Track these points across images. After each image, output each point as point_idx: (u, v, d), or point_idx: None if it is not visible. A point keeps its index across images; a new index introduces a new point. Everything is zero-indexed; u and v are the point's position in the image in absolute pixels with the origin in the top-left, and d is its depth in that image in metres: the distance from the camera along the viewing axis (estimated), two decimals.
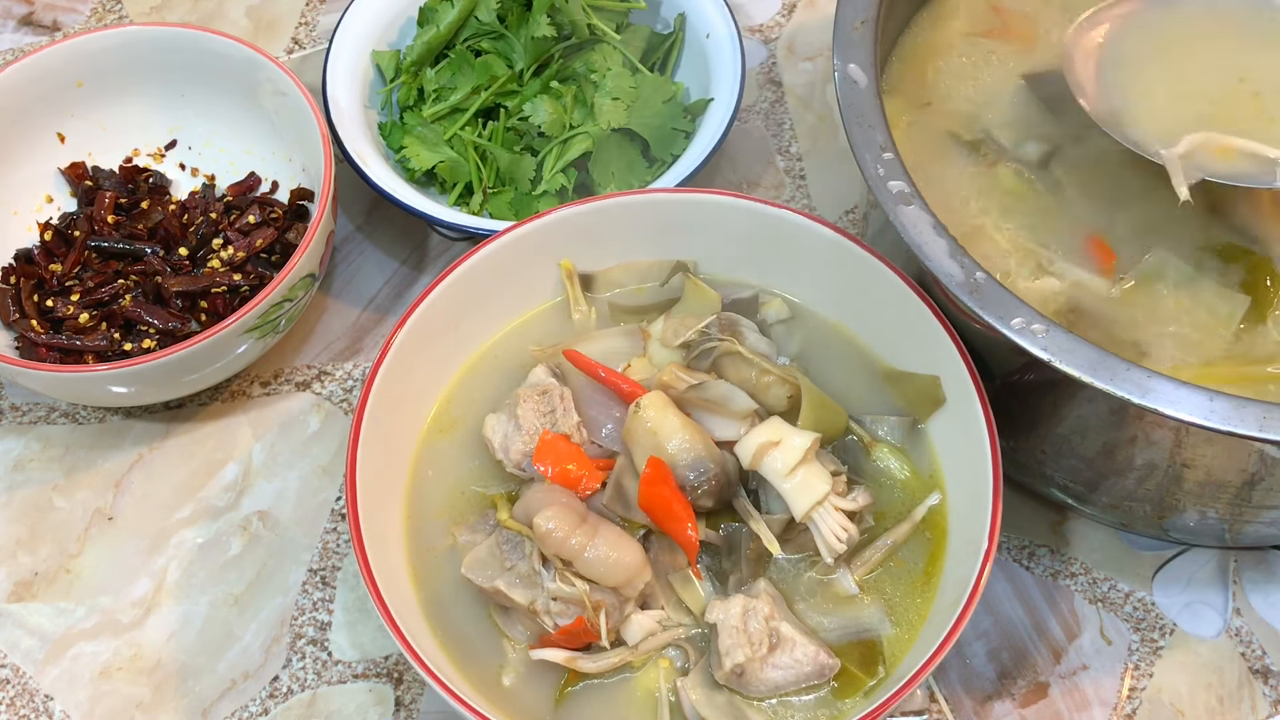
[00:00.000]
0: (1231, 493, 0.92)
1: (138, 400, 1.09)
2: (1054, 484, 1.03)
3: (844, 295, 1.02)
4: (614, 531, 0.89)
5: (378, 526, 0.90)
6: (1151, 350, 0.93)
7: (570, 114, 1.18)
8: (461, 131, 1.18)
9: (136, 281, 1.12)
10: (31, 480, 1.11)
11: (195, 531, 1.08)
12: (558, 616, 0.88)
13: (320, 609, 1.04)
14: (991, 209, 1.01)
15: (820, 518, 0.90)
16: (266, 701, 1.00)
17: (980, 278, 0.86)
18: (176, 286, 1.10)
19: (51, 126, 1.19)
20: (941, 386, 0.95)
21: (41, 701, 1.01)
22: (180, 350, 1.01)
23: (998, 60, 1.09)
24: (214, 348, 1.03)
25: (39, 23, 1.42)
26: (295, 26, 1.41)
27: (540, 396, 0.96)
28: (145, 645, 1.03)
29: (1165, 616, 1.03)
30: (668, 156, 1.18)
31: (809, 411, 0.93)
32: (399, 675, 1.01)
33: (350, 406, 1.14)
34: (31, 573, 1.06)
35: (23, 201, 1.18)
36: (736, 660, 0.86)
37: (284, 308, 1.06)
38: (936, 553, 0.93)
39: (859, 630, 0.90)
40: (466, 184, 1.19)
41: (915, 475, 0.96)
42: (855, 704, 0.87)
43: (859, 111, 0.95)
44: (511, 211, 1.17)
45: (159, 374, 1.03)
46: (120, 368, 1.01)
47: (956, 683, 1.00)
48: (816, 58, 1.37)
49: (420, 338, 0.97)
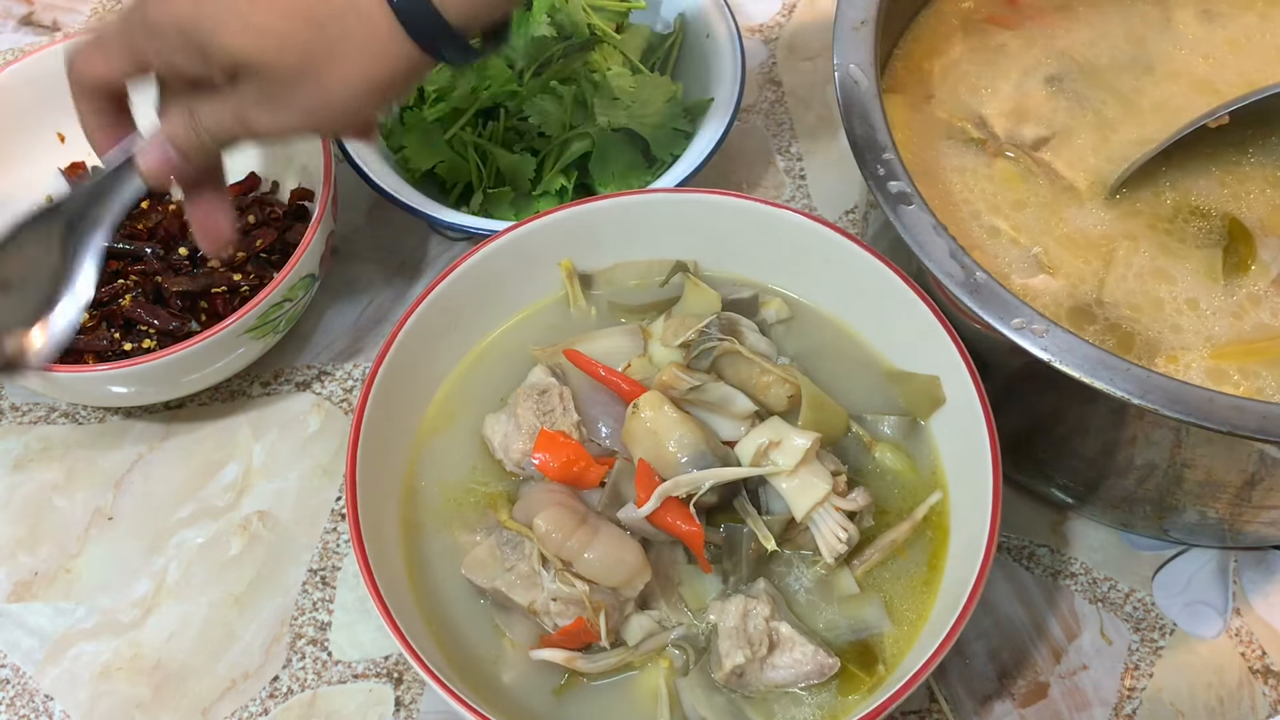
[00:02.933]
0: (1231, 493, 0.92)
1: (138, 400, 1.09)
2: (1054, 484, 1.03)
3: (844, 295, 1.02)
4: (614, 532, 0.89)
5: (378, 526, 0.90)
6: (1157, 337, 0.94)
7: (570, 114, 1.17)
8: (461, 132, 1.18)
9: (136, 282, 1.12)
10: (31, 480, 1.11)
11: (195, 531, 1.08)
12: (558, 617, 0.88)
13: (320, 609, 1.04)
14: (992, 206, 1.01)
15: (821, 518, 0.90)
16: (266, 702, 1.00)
17: (980, 278, 0.86)
18: (177, 287, 1.10)
19: (51, 126, 1.19)
20: (941, 386, 0.95)
21: (41, 701, 1.01)
22: (180, 350, 1.01)
23: (1003, 49, 1.10)
24: (214, 348, 1.03)
25: (39, 23, 1.42)
26: None
27: (540, 396, 0.96)
28: (145, 645, 1.03)
29: (1165, 616, 1.03)
30: (668, 156, 1.18)
31: (809, 411, 0.93)
32: (399, 675, 1.01)
33: (350, 406, 1.14)
34: (31, 573, 1.06)
35: (23, 202, 1.17)
36: (736, 661, 0.86)
37: (284, 308, 1.06)
38: (938, 552, 0.93)
39: (859, 630, 0.90)
40: (466, 184, 1.19)
41: (916, 473, 0.96)
42: (855, 703, 0.87)
43: (859, 111, 0.95)
44: (512, 211, 1.17)
45: (159, 374, 1.03)
46: (120, 368, 1.01)
47: (956, 683, 1.00)
48: (816, 58, 1.37)
49: (420, 338, 0.97)
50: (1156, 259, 0.98)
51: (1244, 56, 1.07)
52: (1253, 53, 1.08)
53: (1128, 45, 1.09)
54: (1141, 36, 1.10)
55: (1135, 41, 1.09)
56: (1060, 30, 1.10)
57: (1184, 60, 1.08)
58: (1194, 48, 1.08)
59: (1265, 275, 0.96)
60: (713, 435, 0.92)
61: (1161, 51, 1.08)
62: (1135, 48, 1.09)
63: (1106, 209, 1.01)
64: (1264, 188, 1.01)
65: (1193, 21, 1.10)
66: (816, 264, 1.01)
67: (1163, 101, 1.05)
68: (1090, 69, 1.08)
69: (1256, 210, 1.00)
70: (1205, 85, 1.06)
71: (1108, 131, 1.04)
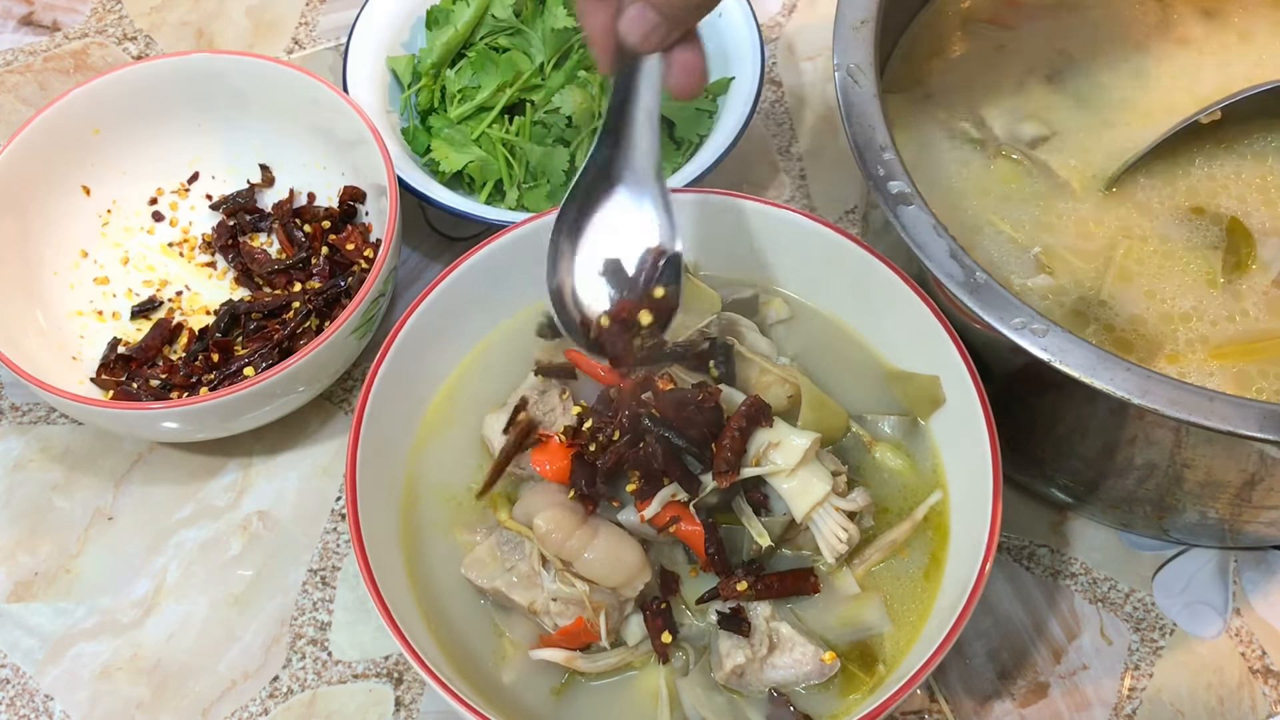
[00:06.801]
0: (1231, 493, 0.92)
1: (185, 437, 1.09)
2: (1054, 484, 1.03)
3: (844, 295, 1.02)
4: (614, 532, 0.89)
5: (378, 526, 0.90)
6: (1158, 337, 0.94)
7: (599, 102, 1.18)
8: (489, 130, 1.18)
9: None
10: (31, 480, 1.11)
11: (195, 531, 1.08)
12: (557, 617, 0.88)
13: (320, 609, 1.04)
14: (991, 206, 1.01)
15: (821, 518, 0.90)
16: (266, 701, 1.00)
17: (980, 278, 0.86)
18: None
19: (75, 179, 1.17)
20: (941, 386, 0.95)
21: (41, 701, 1.01)
22: (229, 395, 1.00)
23: (1003, 49, 1.10)
24: (263, 392, 1.02)
25: (39, 23, 1.42)
26: (295, 26, 1.41)
27: (540, 396, 0.96)
28: (145, 645, 1.03)
29: (1165, 616, 1.03)
30: (694, 137, 1.19)
31: (809, 411, 0.93)
32: (399, 675, 1.01)
33: (350, 407, 1.14)
34: (31, 573, 1.06)
35: (60, 260, 1.16)
36: (736, 661, 0.86)
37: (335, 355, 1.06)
38: (938, 552, 0.93)
39: (859, 630, 0.90)
40: (496, 182, 1.19)
41: (917, 473, 0.96)
42: (855, 703, 0.87)
43: (859, 111, 0.95)
44: (549, 204, 1.16)
45: (210, 414, 1.03)
46: (173, 407, 1.01)
47: (956, 683, 1.00)
48: (816, 58, 1.37)
49: (420, 338, 0.97)
50: (1157, 259, 0.98)
51: (1244, 56, 1.07)
52: (1253, 52, 1.08)
53: (1127, 45, 1.09)
54: (1141, 36, 1.10)
55: (1135, 41, 1.09)
56: (1059, 30, 1.10)
57: (1183, 60, 1.08)
58: (1194, 47, 1.08)
59: (1265, 275, 0.96)
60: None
61: (1161, 51, 1.08)
62: (1135, 47, 1.09)
63: (1106, 209, 1.01)
64: (1264, 188, 1.01)
65: (1193, 21, 1.10)
66: (816, 264, 1.01)
67: (1162, 101, 1.05)
68: (1089, 68, 1.08)
69: (1257, 210, 1.00)
70: (1205, 85, 1.06)
71: (1107, 131, 1.04)
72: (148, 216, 1.21)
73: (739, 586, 0.87)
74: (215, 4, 1.43)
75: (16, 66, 1.39)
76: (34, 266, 1.14)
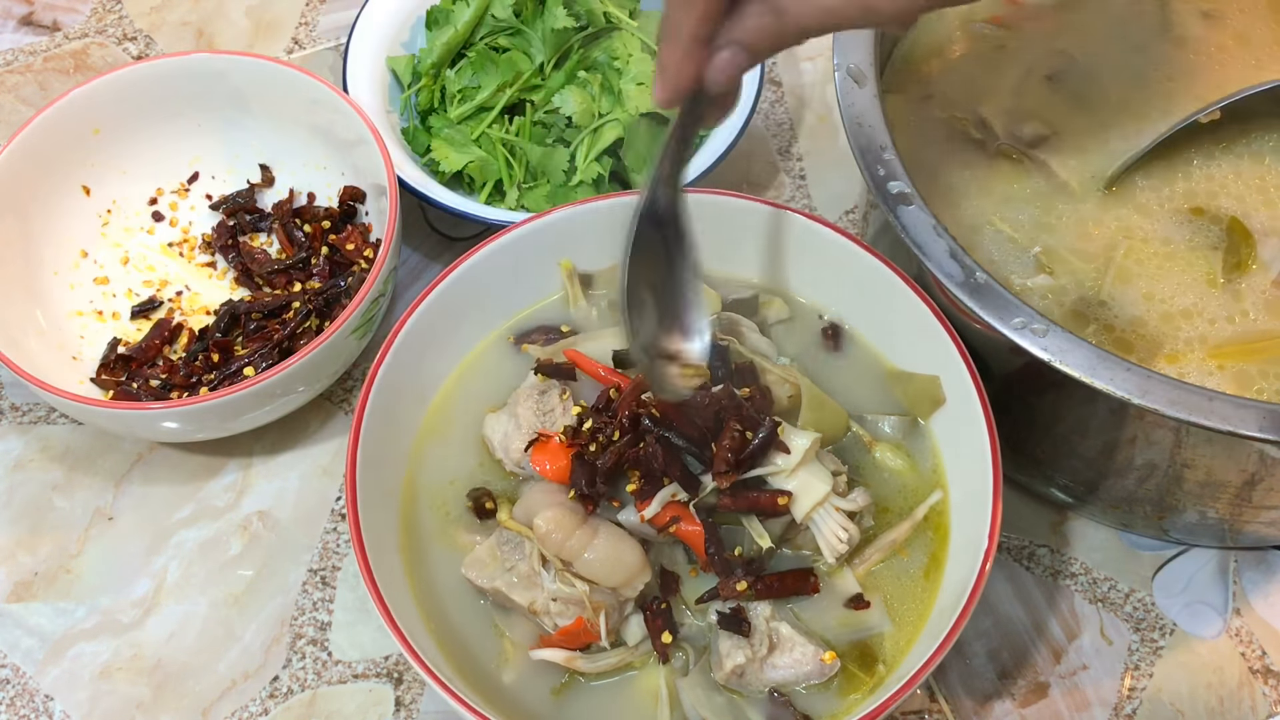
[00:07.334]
0: (1231, 493, 0.92)
1: (185, 437, 1.08)
2: (1054, 484, 1.03)
3: (844, 295, 1.02)
4: (614, 532, 0.89)
5: (378, 526, 0.90)
6: (1158, 337, 0.94)
7: (599, 102, 1.18)
8: (489, 130, 1.18)
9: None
10: (31, 480, 1.11)
11: (195, 531, 1.08)
12: (557, 617, 0.88)
13: (320, 609, 1.04)
14: (992, 206, 1.01)
15: (821, 518, 0.90)
16: (266, 701, 1.00)
17: (980, 278, 0.86)
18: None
19: (75, 179, 1.17)
20: (941, 386, 0.95)
21: (41, 701, 1.01)
22: (229, 395, 1.00)
23: (1003, 49, 1.10)
24: (261, 394, 1.02)
25: (39, 23, 1.42)
26: (295, 26, 1.41)
27: (540, 396, 0.96)
28: (145, 645, 1.03)
29: (1165, 616, 1.03)
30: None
31: (809, 411, 0.93)
32: (399, 675, 1.01)
33: (350, 407, 1.14)
34: (31, 573, 1.06)
35: (60, 260, 1.16)
36: (736, 661, 0.86)
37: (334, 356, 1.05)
38: (938, 552, 0.93)
39: (859, 630, 0.90)
40: (496, 182, 1.19)
41: (916, 473, 0.96)
42: (855, 703, 0.87)
43: (859, 111, 0.95)
44: (549, 204, 1.16)
45: (210, 414, 1.03)
46: (173, 407, 1.01)
47: (956, 683, 1.00)
48: (816, 58, 1.37)
49: (420, 338, 0.97)
50: (1157, 259, 0.98)
51: (1242, 57, 1.07)
52: (1251, 53, 1.08)
53: (1127, 45, 1.09)
54: (1141, 36, 1.10)
55: (1135, 41, 1.09)
56: (1059, 30, 1.10)
57: (1183, 60, 1.08)
58: (1193, 47, 1.08)
59: (1265, 275, 0.96)
60: None
61: (1161, 51, 1.08)
62: (1134, 47, 1.09)
63: (1106, 208, 1.01)
64: (1264, 188, 1.01)
65: (1193, 21, 1.10)
66: (816, 264, 1.01)
67: (1162, 101, 1.05)
68: (1089, 68, 1.08)
69: (1256, 210, 1.00)
70: (1204, 85, 1.06)
71: (1107, 131, 1.04)
72: (148, 216, 1.21)
73: (739, 586, 0.87)
74: (215, 4, 1.43)
75: (16, 66, 1.39)
76: (34, 266, 1.14)
